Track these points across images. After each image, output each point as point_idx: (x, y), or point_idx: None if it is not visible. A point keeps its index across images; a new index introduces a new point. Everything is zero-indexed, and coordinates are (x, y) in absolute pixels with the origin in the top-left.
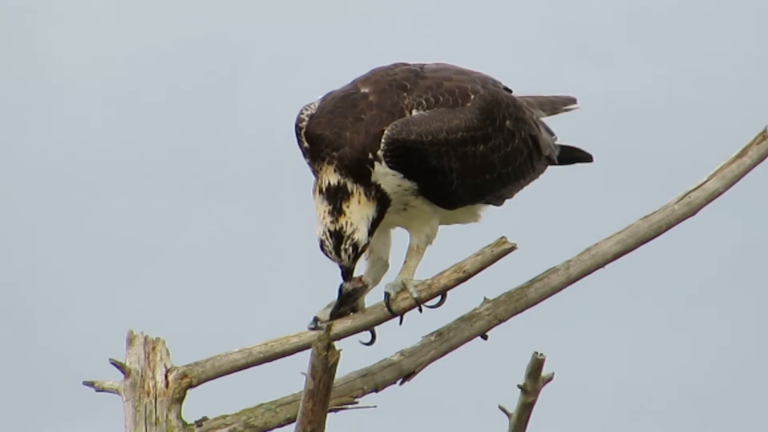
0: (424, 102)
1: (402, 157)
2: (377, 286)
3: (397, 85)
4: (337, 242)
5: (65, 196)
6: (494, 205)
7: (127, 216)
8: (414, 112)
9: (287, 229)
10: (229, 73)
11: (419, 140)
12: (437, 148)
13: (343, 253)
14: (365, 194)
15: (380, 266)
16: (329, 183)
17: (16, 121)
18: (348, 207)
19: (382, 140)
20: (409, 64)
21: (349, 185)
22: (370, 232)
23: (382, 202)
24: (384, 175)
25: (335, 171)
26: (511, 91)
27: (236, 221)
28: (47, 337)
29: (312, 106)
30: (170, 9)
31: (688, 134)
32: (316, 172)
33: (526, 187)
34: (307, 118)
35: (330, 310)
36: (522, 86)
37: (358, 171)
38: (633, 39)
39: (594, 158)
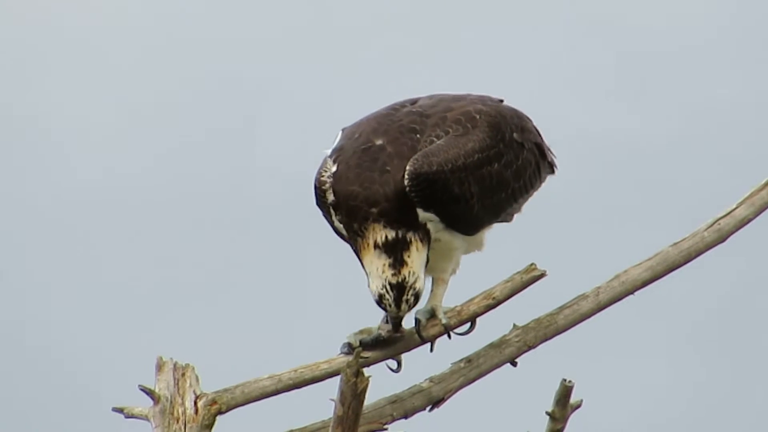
0: (435, 139)
1: (427, 190)
2: None
3: (407, 129)
4: (398, 294)
5: (96, 231)
6: (505, 222)
7: (159, 245)
8: None
9: (316, 256)
10: (248, 114)
11: (441, 170)
12: (458, 174)
13: (403, 304)
14: (420, 239)
15: None
16: (386, 237)
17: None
18: (409, 257)
19: (406, 177)
20: (404, 104)
21: (408, 235)
22: None
23: (429, 242)
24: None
25: (386, 226)
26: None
27: (266, 249)
28: (76, 363)
29: (328, 166)
30: (183, 51)
31: (716, 161)
32: (357, 232)
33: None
34: (329, 180)
35: (361, 337)
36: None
37: (407, 219)
38: (658, 71)
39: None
